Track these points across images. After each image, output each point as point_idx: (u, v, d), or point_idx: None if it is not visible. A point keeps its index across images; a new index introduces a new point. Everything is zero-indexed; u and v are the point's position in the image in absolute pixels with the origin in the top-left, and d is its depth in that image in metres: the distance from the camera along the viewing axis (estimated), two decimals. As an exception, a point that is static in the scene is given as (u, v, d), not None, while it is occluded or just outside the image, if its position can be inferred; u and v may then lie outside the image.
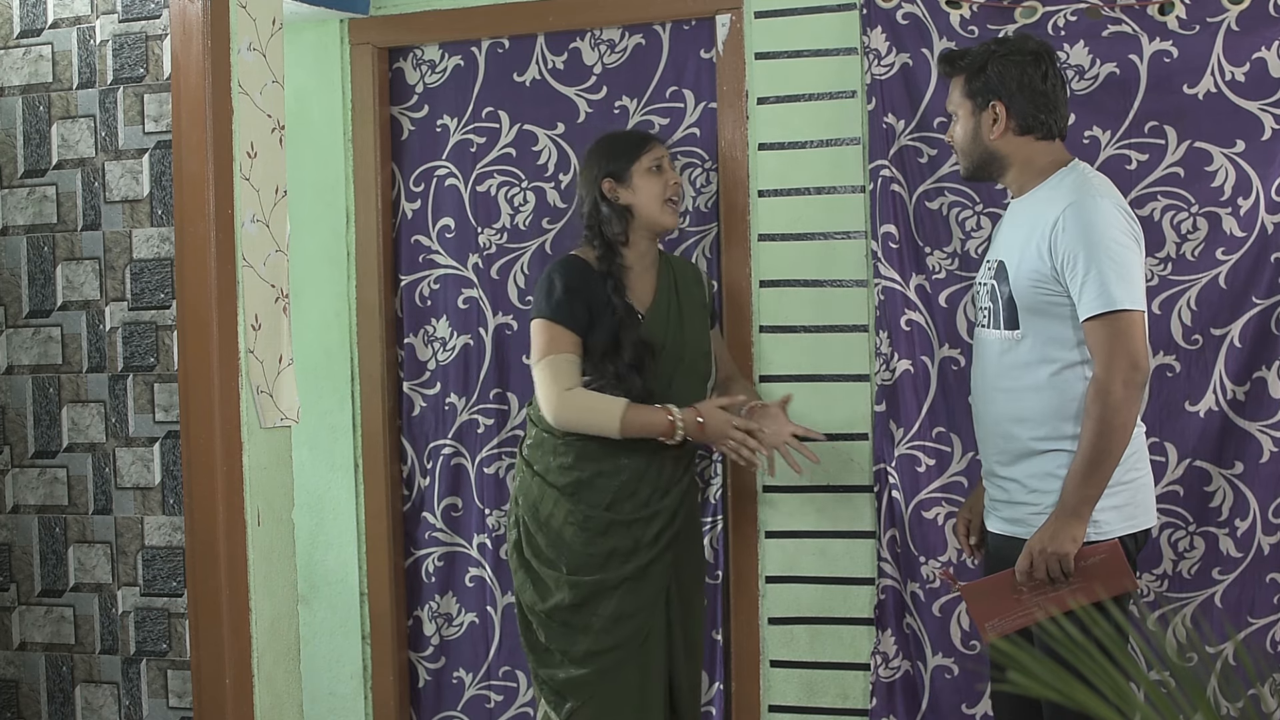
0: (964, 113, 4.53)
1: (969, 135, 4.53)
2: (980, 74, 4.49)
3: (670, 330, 5.14)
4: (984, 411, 4.56)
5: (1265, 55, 4.99)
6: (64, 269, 5.01)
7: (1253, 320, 5.02)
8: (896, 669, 5.44)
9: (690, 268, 5.39)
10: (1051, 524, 4.25)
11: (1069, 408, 4.32)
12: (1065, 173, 4.44)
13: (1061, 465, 4.32)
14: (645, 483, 5.05)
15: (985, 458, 4.60)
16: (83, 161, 4.98)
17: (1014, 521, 4.44)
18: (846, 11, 5.49)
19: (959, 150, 4.59)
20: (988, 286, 4.54)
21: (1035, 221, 4.35)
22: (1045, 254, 4.27)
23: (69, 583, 5.05)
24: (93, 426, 4.99)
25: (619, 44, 5.89)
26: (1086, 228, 4.23)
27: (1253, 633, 5.06)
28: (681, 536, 5.18)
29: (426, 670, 6.23)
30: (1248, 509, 5.06)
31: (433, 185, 6.13)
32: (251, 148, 4.88)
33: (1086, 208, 4.26)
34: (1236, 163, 5.02)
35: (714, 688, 5.78)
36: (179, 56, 4.78)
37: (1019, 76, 4.45)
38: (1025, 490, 4.40)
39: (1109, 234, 4.23)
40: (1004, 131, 4.44)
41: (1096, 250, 4.20)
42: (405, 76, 6.17)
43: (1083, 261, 4.20)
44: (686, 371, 5.17)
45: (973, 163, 4.56)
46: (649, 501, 5.05)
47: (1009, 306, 4.39)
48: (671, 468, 5.12)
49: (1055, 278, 4.26)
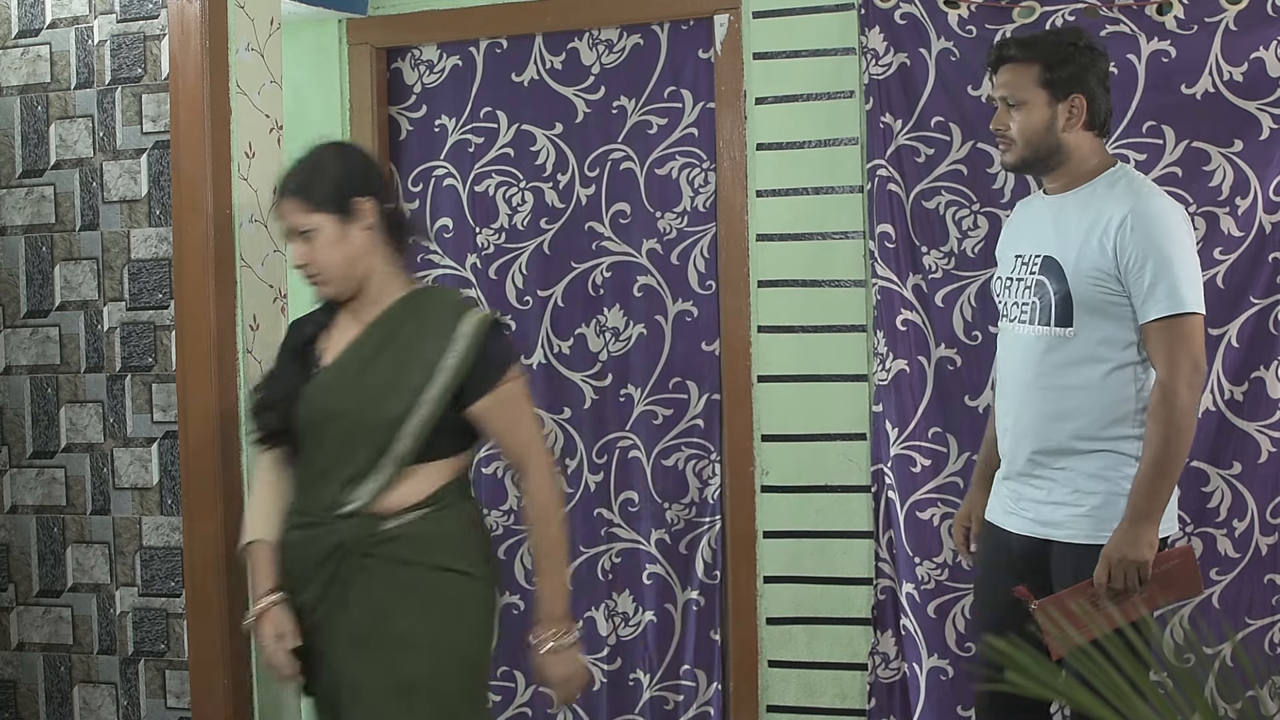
0: (1038, 101, 4.37)
1: (1042, 125, 4.37)
2: (1065, 64, 4.37)
3: (340, 394, 4.10)
4: (1017, 409, 4.45)
5: (1263, 55, 4.99)
6: (62, 269, 5.01)
7: (1250, 320, 5.02)
8: (896, 670, 5.44)
9: (445, 320, 4.12)
10: (1126, 530, 4.18)
11: (1118, 409, 4.27)
12: (1117, 173, 4.38)
13: (1108, 466, 4.26)
14: (294, 564, 4.15)
15: (1013, 457, 4.49)
16: (81, 161, 4.98)
17: (1047, 524, 4.36)
18: (844, 12, 5.49)
19: (1021, 139, 4.40)
20: (1028, 282, 4.43)
21: (1095, 219, 4.27)
22: (1110, 252, 4.21)
23: (67, 583, 5.05)
24: (91, 427, 4.99)
25: (617, 44, 5.89)
26: (1156, 229, 4.20)
27: (1251, 633, 5.06)
28: (337, 643, 4.10)
29: (424, 670, 6.22)
30: (1246, 509, 5.06)
31: (431, 185, 6.13)
32: (250, 148, 4.88)
33: (1154, 209, 4.24)
34: (1235, 162, 5.02)
35: (712, 688, 5.79)
36: (177, 57, 4.78)
37: (1099, 72, 4.40)
38: (1067, 490, 4.32)
39: (1177, 236, 4.22)
40: (1078, 125, 4.39)
41: (1166, 252, 4.17)
42: (403, 76, 6.17)
43: (1152, 263, 4.16)
44: (357, 445, 4.06)
45: (1035, 154, 4.40)
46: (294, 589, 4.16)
47: (1063, 303, 4.29)
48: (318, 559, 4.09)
49: (1118, 277, 4.21)
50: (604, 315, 5.93)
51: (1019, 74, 4.40)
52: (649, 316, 5.88)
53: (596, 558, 5.96)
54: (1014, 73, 4.42)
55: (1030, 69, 4.38)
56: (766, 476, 5.64)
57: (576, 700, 5.02)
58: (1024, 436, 4.43)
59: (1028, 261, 4.44)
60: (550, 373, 6.00)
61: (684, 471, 5.85)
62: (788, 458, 5.62)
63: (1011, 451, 4.50)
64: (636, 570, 5.93)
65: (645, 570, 5.91)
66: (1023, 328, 4.42)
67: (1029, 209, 4.64)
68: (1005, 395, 4.55)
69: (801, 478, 5.57)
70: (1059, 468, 4.34)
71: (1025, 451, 4.43)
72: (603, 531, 5.97)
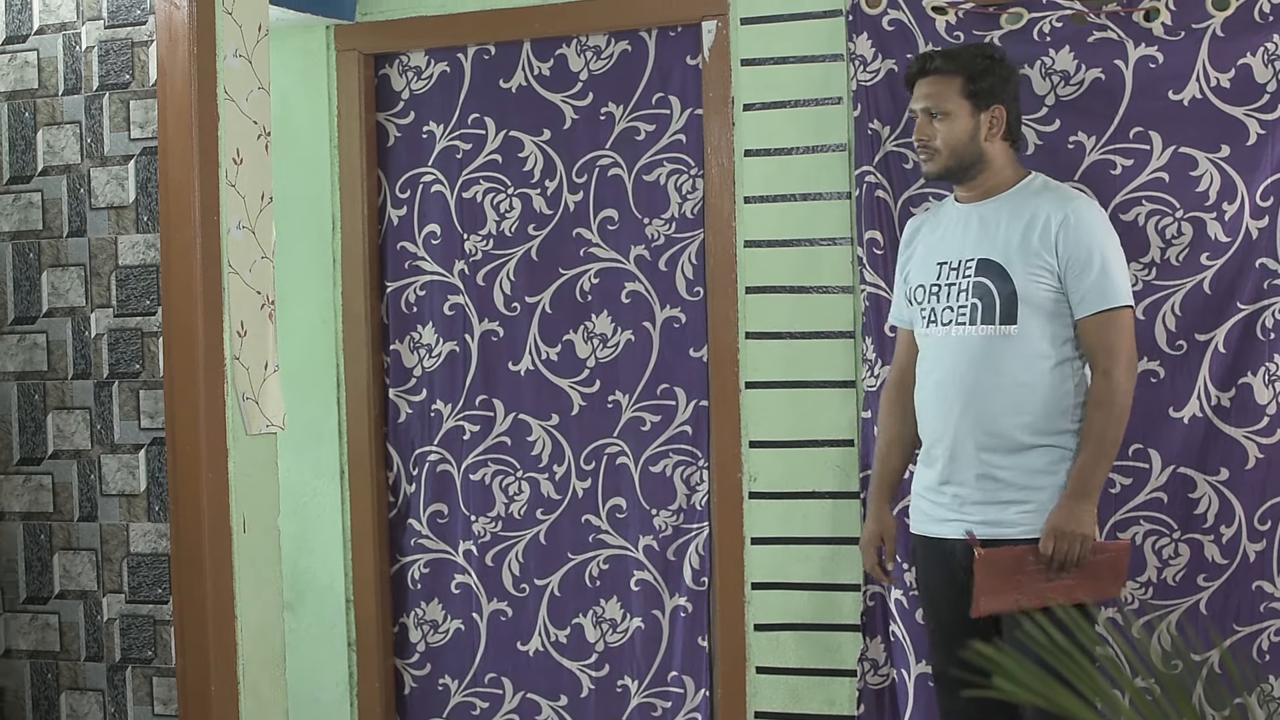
0: (961, 112, 4.60)
1: (966, 135, 4.59)
2: (985, 76, 4.61)
3: None
4: (959, 411, 4.54)
5: (1250, 61, 5.00)
6: (49, 275, 5.00)
7: (1237, 326, 5.03)
8: (885, 676, 5.44)
9: None
10: (1069, 506, 4.37)
11: (1060, 403, 4.48)
12: (1038, 179, 4.67)
13: (1052, 461, 4.46)
14: None
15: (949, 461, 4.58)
16: (68, 168, 4.97)
17: (996, 524, 4.48)
18: (832, 18, 5.49)
19: (946, 148, 4.61)
20: (962, 286, 4.56)
21: (1030, 221, 4.50)
22: (1051, 251, 4.45)
23: (54, 590, 5.04)
24: (78, 433, 4.99)
25: (605, 50, 5.89)
26: (1094, 229, 4.50)
27: (1239, 640, 5.06)
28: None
29: (412, 677, 6.22)
30: (1233, 515, 5.06)
31: (419, 192, 6.13)
32: (237, 154, 4.87)
33: (1089, 211, 4.56)
34: (1221, 168, 5.03)
35: (699, 694, 5.79)
36: (165, 63, 4.78)
37: (1014, 85, 4.68)
38: (1014, 489, 4.46)
39: (1109, 235, 4.54)
40: (997, 135, 4.57)
41: (1103, 250, 4.47)
42: (391, 83, 6.17)
43: (1092, 260, 4.43)
44: None
45: (958, 163, 4.62)
46: None
47: (1009, 302, 4.45)
48: None
49: (1059, 275, 4.45)
50: (592, 322, 5.93)
51: (943, 85, 4.64)
52: (637, 323, 5.88)
53: (584, 564, 5.96)
54: (938, 84, 4.65)
55: (953, 80, 4.63)
56: (754, 483, 5.64)
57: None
58: (966, 437, 4.54)
59: (958, 267, 4.61)
60: (538, 379, 6.00)
61: (672, 478, 5.85)
62: (776, 464, 5.62)
63: (949, 455, 4.60)
64: (624, 577, 5.93)
65: (633, 577, 5.91)
66: (961, 329, 4.56)
67: (942, 218, 4.80)
68: (941, 399, 4.63)
69: (789, 484, 5.56)
70: (1003, 466, 4.48)
71: (968, 452, 4.53)
72: (590, 538, 5.96)
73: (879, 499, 4.93)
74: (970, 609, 4.46)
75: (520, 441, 6.03)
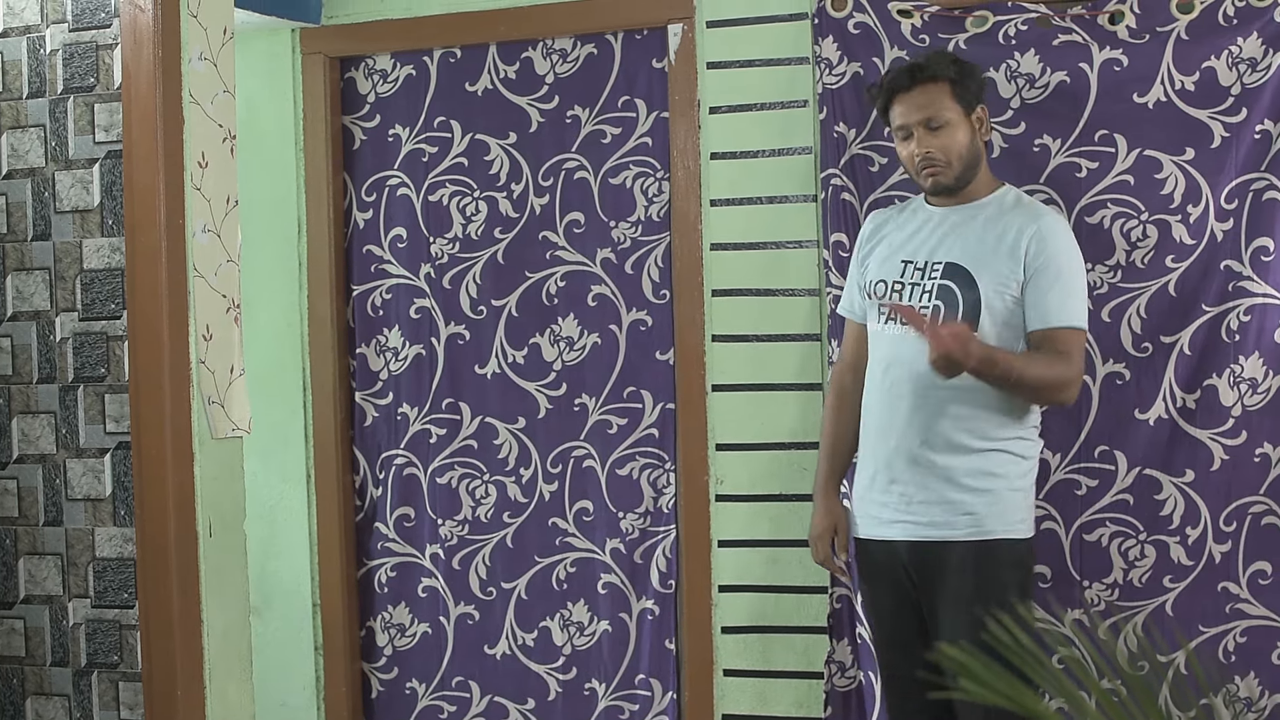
0: (957, 117, 4.55)
1: (968, 139, 4.57)
2: (969, 79, 4.60)
3: None
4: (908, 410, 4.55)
5: (1214, 64, 5.01)
6: (14, 279, 4.99)
7: (1203, 328, 5.04)
8: (852, 678, 5.44)
9: None
10: (979, 347, 4.27)
11: (1014, 409, 4.50)
12: (1011, 191, 4.68)
13: (1000, 464, 4.48)
14: None
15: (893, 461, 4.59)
16: (33, 171, 4.96)
17: (942, 525, 4.50)
18: (798, 21, 5.50)
19: (956, 158, 4.56)
20: (927, 287, 4.57)
21: (1003, 232, 4.50)
22: (1020, 262, 4.44)
23: (19, 594, 5.02)
24: (43, 437, 4.97)
25: (571, 53, 5.89)
26: (1060, 245, 4.50)
27: (1204, 641, 5.07)
28: None
29: (379, 681, 6.21)
30: (1199, 517, 5.08)
31: (385, 195, 6.12)
32: (203, 157, 4.86)
33: (1059, 227, 4.58)
34: (1186, 170, 5.04)
35: (667, 697, 5.79)
36: (130, 66, 4.77)
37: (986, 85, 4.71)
38: (960, 490, 4.47)
39: (1076, 255, 4.54)
40: (986, 137, 4.66)
41: (1069, 268, 4.48)
42: (357, 86, 6.16)
43: (1058, 275, 4.43)
44: None
45: (967, 169, 4.59)
46: None
47: (973, 308, 4.46)
48: None
49: (1023, 285, 4.44)
50: (558, 325, 5.93)
51: (935, 95, 4.57)
52: (603, 326, 5.88)
53: (551, 567, 5.96)
54: (929, 94, 4.57)
55: (942, 87, 4.58)
56: (721, 485, 5.64)
57: None
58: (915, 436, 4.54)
59: (924, 268, 4.60)
60: (504, 382, 6.00)
61: (638, 481, 5.85)
62: (742, 467, 5.63)
63: (896, 454, 4.60)
64: (591, 580, 5.92)
65: (600, 580, 5.90)
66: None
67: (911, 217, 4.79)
68: (895, 398, 4.62)
69: (756, 487, 5.57)
70: (952, 467, 4.48)
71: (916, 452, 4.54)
72: (557, 541, 5.96)
73: (828, 491, 4.91)
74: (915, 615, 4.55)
75: (487, 445, 6.03)
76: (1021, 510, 4.53)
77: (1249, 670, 5.06)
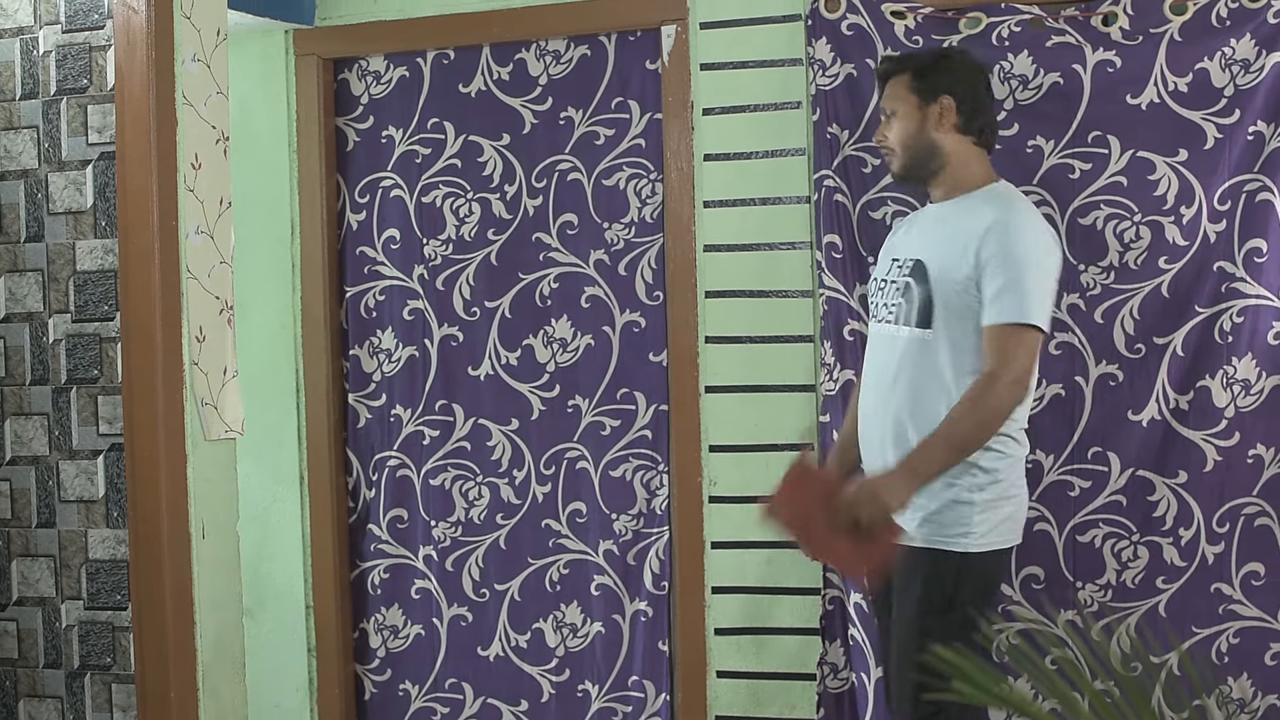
0: (907, 108, 4.58)
1: (912, 129, 4.57)
2: (930, 71, 4.60)
3: None
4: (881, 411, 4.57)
5: (1207, 65, 5.02)
6: (7, 281, 4.98)
7: (1196, 329, 5.04)
8: (845, 680, 5.44)
9: None
10: (893, 475, 4.27)
11: None
12: (998, 187, 4.58)
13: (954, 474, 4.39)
14: None
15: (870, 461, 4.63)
16: (26, 173, 4.95)
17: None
18: (791, 23, 5.50)
19: (897, 146, 4.61)
20: (899, 284, 4.56)
21: (965, 227, 4.44)
22: (972, 257, 4.36)
23: (12, 596, 5.02)
24: (36, 439, 4.97)
25: (564, 55, 5.89)
26: (1016, 239, 4.36)
27: (1197, 642, 5.08)
28: None
29: (373, 683, 6.21)
30: (1191, 518, 5.08)
31: (378, 196, 6.12)
32: (196, 159, 4.86)
33: (1019, 222, 4.42)
34: (1179, 172, 5.05)
35: (660, 699, 5.79)
36: (123, 67, 4.76)
37: (967, 78, 4.61)
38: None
39: (1037, 253, 4.40)
40: (949, 127, 4.54)
41: (1023, 264, 4.34)
42: (350, 87, 6.16)
43: (1007, 270, 4.31)
44: None
45: (912, 158, 4.59)
46: None
47: (925, 306, 4.44)
48: None
49: (977, 282, 4.36)
50: (551, 326, 5.93)
51: (894, 86, 4.66)
52: (597, 327, 5.88)
53: (544, 569, 5.96)
54: (891, 87, 4.67)
55: (902, 79, 4.64)
56: (714, 487, 5.64)
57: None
58: (884, 434, 4.56)
59: (901, 264, 4.60)
60: (498, 384, 6.00)
61: (632, 482, 5.85)
62: (735, 468, 5.62)
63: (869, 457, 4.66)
64: (584, 581, 5.93)
65: (593, 581, 5.90)
66: (889, 328, 4.57)
67: (915, 217, 4.84)
68: (867, 396, 4.69)
69: (749, 488, 5.56)
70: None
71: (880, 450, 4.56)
72: (550, 542, 5.96)
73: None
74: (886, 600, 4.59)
75: (480, 446, 6.03)
76: (976, 525, 4.40)
77: (1242, 671, 5.07)
